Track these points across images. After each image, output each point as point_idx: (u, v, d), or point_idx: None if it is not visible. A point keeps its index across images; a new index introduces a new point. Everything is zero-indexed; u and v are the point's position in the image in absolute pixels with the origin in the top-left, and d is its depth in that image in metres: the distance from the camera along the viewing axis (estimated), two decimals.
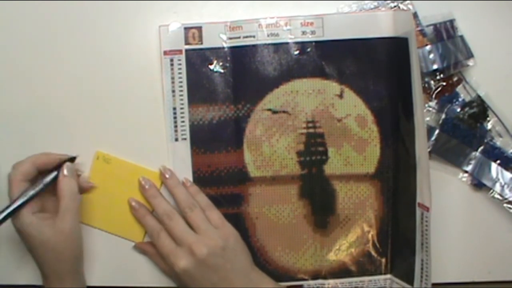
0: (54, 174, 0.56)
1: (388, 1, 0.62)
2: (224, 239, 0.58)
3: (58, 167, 0.56)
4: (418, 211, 0.59)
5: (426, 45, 0.61)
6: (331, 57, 0.61)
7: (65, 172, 0.56)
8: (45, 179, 0.55)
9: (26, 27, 0.62)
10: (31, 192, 0.54)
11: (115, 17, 0.62)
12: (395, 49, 0.60)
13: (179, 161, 0.61)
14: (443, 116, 0.62)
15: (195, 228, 0.57)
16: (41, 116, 0.62)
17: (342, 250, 0.63)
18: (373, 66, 0.61)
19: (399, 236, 0.62)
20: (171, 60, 0.61)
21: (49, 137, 0.62)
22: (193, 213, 0.58)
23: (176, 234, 0.57)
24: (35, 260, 0.56)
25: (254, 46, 0.61)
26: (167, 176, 0.61)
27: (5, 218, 0.53)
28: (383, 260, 0.63)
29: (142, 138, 0.62)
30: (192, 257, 0.56)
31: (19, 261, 0.63)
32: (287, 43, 0.61)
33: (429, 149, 0.62)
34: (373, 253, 0.63)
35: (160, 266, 0.61)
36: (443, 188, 0.63)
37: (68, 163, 0.57)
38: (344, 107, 0.62)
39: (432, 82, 0.62)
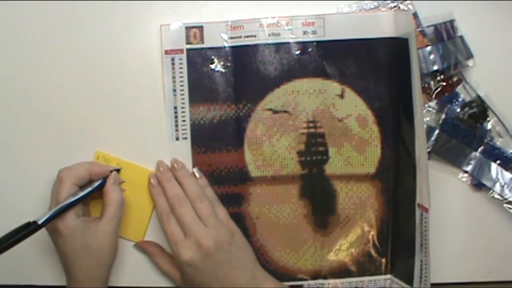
0: (101, 181, 0.58)
1: (388, 1, 0.62)
2: (231, 235, 0.58)
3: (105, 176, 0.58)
4: (418, 212, 0.59)
5: (427, 45, 0.61)
6: (332, 57, 0.61)
7: (112, 180, 0.58)
8: (95, 184, 0.57)
9: (26, 27, 0.62)
10: (81, 193, 0.56)
11: (115, 16, 0.62)
12: (395, 50, 0.60)
13: (180, 160, 0.61)
14: (443, 116, 0.62)
15: (204, 220, 0.57)
16: (41, 116, 0.62)
17: (342, 250, 0.63)
18: (374, 66, 0.61)
19: (399, 236, 0.62)
20: (172, 59, 0.61)
21: (49, 137, 0.62)
22: (203, 205, 0.58)
23: (186, 222, 0.57)
24: (67, 264, 0.56)
25: (255, 45, 0.61)
26: (177, 167, 0.60)
27: (54, 215, 0.53)
28: (383, 260, 0.63)
29: (142, 137, 0.62)
30: (199, 250, 0.56)
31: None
32: (288, 43, 0.61)
33: (429, 149, 0.62)
34: (373, 253, 0.63)
35: (160, 266, 0.61)
36: (443, 188, 0.63)
37: (115, 172, 0.59)
38: (345, 107, 0.62)
39: (432, 82, 0.62)
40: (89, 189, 0.57)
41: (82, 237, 0.55)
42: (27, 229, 0.51)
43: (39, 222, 0.52)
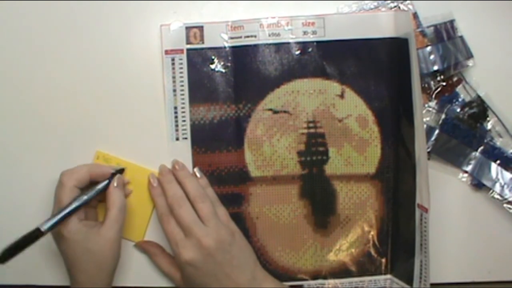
0: (105, 183, 0.57)
1: (388, 1, 0.62)
2: (231, 235, 0.58)
3: (107, 178, 0.58)
4: (418, 212, 0.59)
5: (427, 46, 0.61)
6: (332, 57, 0.61)
7: (115, 183, 0.57)
8: (97, 187, 0.57)
9: (26, 27, 0.62)
10: (84, 198, 0.55)
11: (115, 16, 0.62)
12: (395, 50, 0.60)
13: (180, 160, 0.61)
14: (443, 116, 0.63)
15: (204, 220, 0.57)
16: (41, 116, 0.62)
17: (342, 250, 0.63)
18: (374, 67, 0.61)
19: (399, 236, 0.62)
20: (172, 59, 0.61)
21: (49, 137, 0.62)
22: (204, 205, 0.58)
23: (185, 223, 0.57)
24: (70, 267, 0.56)
25: (255, 46, 0.61)
26: (177, 168, 0.60)
27: (59, 221, 0.53)
28: (383, 260, 0.63)
29: (142, 137, 0.62)
30: (200, 250, 0.55)
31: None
32: (288, 43, 0.61)
33: (429, 149, 0.62)
34: (373, 253, 0.63)
35: (160, 266, 0.61)
36: (443, 189, 0.63)
37: (119, 175, 0.58)
38: (345, 107, 0.62)
39: (432, 82, 0.62)
40: (92, 193, 0.56)
41: (84, 241, 0.55)
42: (31, 236, 0.52)
43: (42, 229, 0.52)
